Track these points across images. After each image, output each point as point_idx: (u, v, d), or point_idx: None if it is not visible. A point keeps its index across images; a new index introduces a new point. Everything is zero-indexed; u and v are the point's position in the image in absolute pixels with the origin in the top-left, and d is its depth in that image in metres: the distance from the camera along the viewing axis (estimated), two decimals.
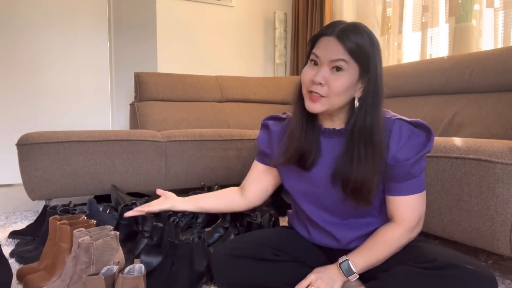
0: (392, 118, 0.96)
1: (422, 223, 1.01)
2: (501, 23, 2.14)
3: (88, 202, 1.65)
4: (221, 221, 1.60)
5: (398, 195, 0.97)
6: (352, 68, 0.92)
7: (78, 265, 0.99)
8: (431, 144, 0.94)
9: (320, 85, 0.93)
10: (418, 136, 0.94)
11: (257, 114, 3.01)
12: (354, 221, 1.05)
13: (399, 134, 0.94)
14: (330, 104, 0.94)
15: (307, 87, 0.95)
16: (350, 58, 0.91)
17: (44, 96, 3.03)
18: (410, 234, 0.99)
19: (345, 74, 0.92)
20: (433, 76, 2.10)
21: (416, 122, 0.95)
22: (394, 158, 0.94)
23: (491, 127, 1.73)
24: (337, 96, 0.93)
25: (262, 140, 1.18)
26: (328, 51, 0.92)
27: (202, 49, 3.38)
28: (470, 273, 0.85)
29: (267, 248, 1.06)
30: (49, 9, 3.00)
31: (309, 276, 0.99)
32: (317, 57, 0.94)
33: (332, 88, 0.92)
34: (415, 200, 0.97)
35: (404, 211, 0.97)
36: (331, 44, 0.92)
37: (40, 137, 1.93)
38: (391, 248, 0.98)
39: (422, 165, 0.96)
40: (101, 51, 3.19)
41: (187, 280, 1.13)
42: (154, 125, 2.66)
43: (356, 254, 0.99)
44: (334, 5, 3.21)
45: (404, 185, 0.96)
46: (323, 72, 0.92)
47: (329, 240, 1.08)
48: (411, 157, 0.93)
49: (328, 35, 0.94)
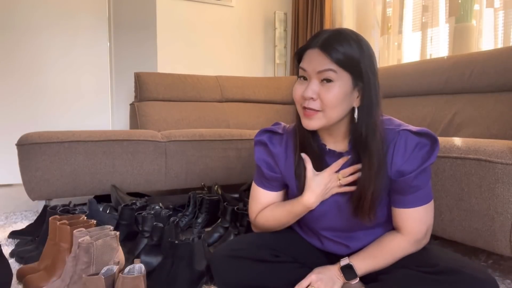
0: (397, 130, 0.92)
1: (430, 234, 0.98)
2: (501, 23, 2.14)
3: (88, 202, 1.65)
4: (221, 221, 1.60)
5: (404, 207, 0.95)
6: (343, 77, 0.88)
7: (78, 265, 0.99)
8: (435, 155, 0.89)
9: (312, 99, 0.89)
10: (423, 147, 0.90)
11: (257, 114, 3.01)
12: (362, 233, 1.03)
13: (404, 147, 0.90)
14: (327, 119, 0.90)
15: (300, 104, 0.92)
16: (337, 67, 0.87)
17: (44, 96, 3.03)
18: (417, 245, 0.97)
19: (335, 84, 0.87)
20: (433, 76, 2.10)
21: (421, 131, 0.91)
22: (399, 172, 0.91)
23: (491, 127, 1.73)
24: (332, 108, 0.88)
25: (263, 162, 1.07)
26: (314, 63, 0.88)
27: (202, 49, 3.38)
28: (471, 279, 0.84)
29: (267, 249, 1.06)
30: (49, 9, 3.00)
31: (309, 276, 0.98)
32: (304, 71, 0.90)
33: (325, 101, 0.88)
34: (422, 212, 0.94)
35: (411, 224, 0.95)
36: (316, 56, 0.88)
37: (40, 137, 1.93)
38: (395, 257, 0.96)
39: (428, 176, 0.93)
40: (101, 51, 3.19)
41: (187, 280, 1.13)
42: (154, 125, 2.66)
43: (359, 259, 0.98)
44: (334, 5, 3.21)
45: (410, 198, 0.93)
46: (313, 86, 0.88)
47: (340, 247, 1.06)
48: (415, 169, 0.90)
49: (312, 47, 0.90)
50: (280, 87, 3.17)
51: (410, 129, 0.92)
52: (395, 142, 0.91)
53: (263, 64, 3.68)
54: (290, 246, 1.10)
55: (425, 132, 0.91)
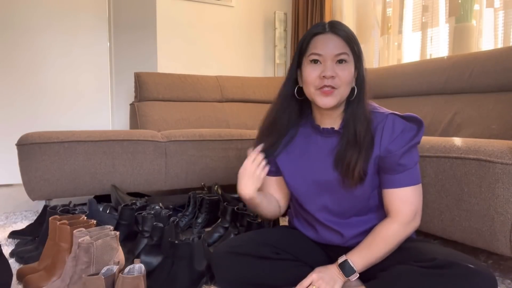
0: (386, 113, 0.99)
1: (419, 218, 1.01)
2: (501, 23, 2.14)
3: (88, 202, 1.65)
4: (221, 221, 1.60)
5: (392, 187, 0.99)
6: (351, 59, 0.99)
7: (78, 265, 0.99)
8: (421, 134, 0.97)
9: (332, 78, 0.97)
10: (410, 130, 0.97)
11: (257, 114, 3.01)
12: (356, 219, 1.06)
13: (392, 128, 0.97)
14: (340, 96, 0.99)
15: (317, 85, 0.99)
16: (349, 50, 0.99)
17: (44, 96, 3.03)
18: (407, 228, 0.99)
19: (348, 64, 0.99)
20: (433, 76, 2.10)
21: (408, 116, 0.98)
22: (387, 150, 0.97)
23: (491, 127, 1.73)
24: (346, 86, 0.99)
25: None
26: (330, 47, 0.98)
27: (202, 49, 3.38)
28: (469, 272, 0.85)
29: (268, 246, 1.07)
30: (49, 8, 3.00)
31: (311, 275, 1.00)
32: (319, 55, 0.98)
33: (342, 78, 0.97)
34: (410, 193, 0.98)
35: (398, 204, 0.99)
36: (330, 40, 0.98)
37: (40, 137, 1.93)
38: (389, 244, 0.98)
39: (415, 157, 0.99)
40: (101, 51, 3.19)
41: (187, 280, 1.13)
42: (154, 125, 2.66)
43: (355, 254, 0.99)
44: (334, 5, 3.21)
45: (398, 177, 0.98)
46: (331, 66, 0.97)
47: (334, 236, 1.08)
48: (401, 147, 0.96)
49: (322, 33, 1.00)
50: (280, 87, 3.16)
51: (397, 114, 0.99)
52: (383, 124, 0.98)
53: (263, 64, 3.68)
54: (291, 244, 1.11)
55: (412, 116, 0.98)
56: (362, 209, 1.05)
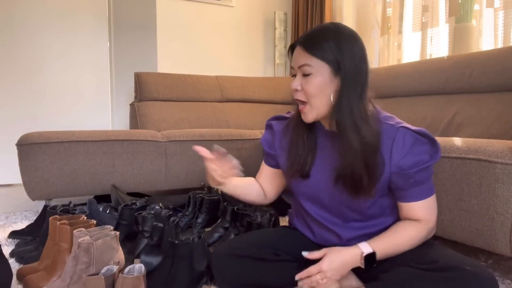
0: (396, 126, 0.95)
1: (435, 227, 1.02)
2: (501, 23, 2.14)
3: (88, 202, 1.65)
4: (221, 221, 1.60)
5: (411, 201, 0.98)
6: (321, 69, 0.94)
7: (78, 265, 0.99)
8: (439, 154, 0.94)
9: (296, 91, 0.98)
10: (421, 144, 0.94)
11: (257, 114, 3.01)
12: (355, 223, 1.05)
13: (402, 142, 0.93)
14: (315, 109, 0.97)
15: (294, 97, 1.00)
16: (315, 60, 0.94)
17: (44, 96, 3.03)
18: (428, 234, 1.00)
19: (312, 76, 0.95)
20: (433, 76, 2.10)
21: (420, 131, 0.94)
22: (398, 166, 0.94)
23: (491, 127, 1.73)
24: (314, 98, 0.96)
25: (265, 141, 1.20)
26: (295, 59, 0.99)
27: (202, 49, 3.38)
28: (471, 275, 0.84)
29: (268, 248, 1.07)
30: (49, 8, 3.00)
31: (322, 262, 0.97)
32: (292, 68, 1.00)
33: (306, 92, 0.96)
34: (430, 203, 0.99)
35: (424, 212, 0.98)
36: (297, 52, 0.99)
37: (40, 137, 1.93)
38: (411, 247, 0.98)
39: (430, 173, 0.97)
40: (101, 51, 3.19)
41: (187, 280, 1.13)
42: (154, 125, 2.66)
43: (380, 248, 0.97)
44: (334, 5, 3.21)
45: (414, 191, 0.97)
46: (297, 79, 0.98)
47: (331, 236, 1.08)
48: (414, 165, 0.93)
49: (295, 45, 1.00)
50: (280, 87, 3.17)
51: (409, 127, 0.95)
52: (394, 137, 0.94)
53: (263, 64, 3.68)
54: (291, 245, 1.10)
55: (423, 132, 0.94)
56: (362, 215, 1.03)
